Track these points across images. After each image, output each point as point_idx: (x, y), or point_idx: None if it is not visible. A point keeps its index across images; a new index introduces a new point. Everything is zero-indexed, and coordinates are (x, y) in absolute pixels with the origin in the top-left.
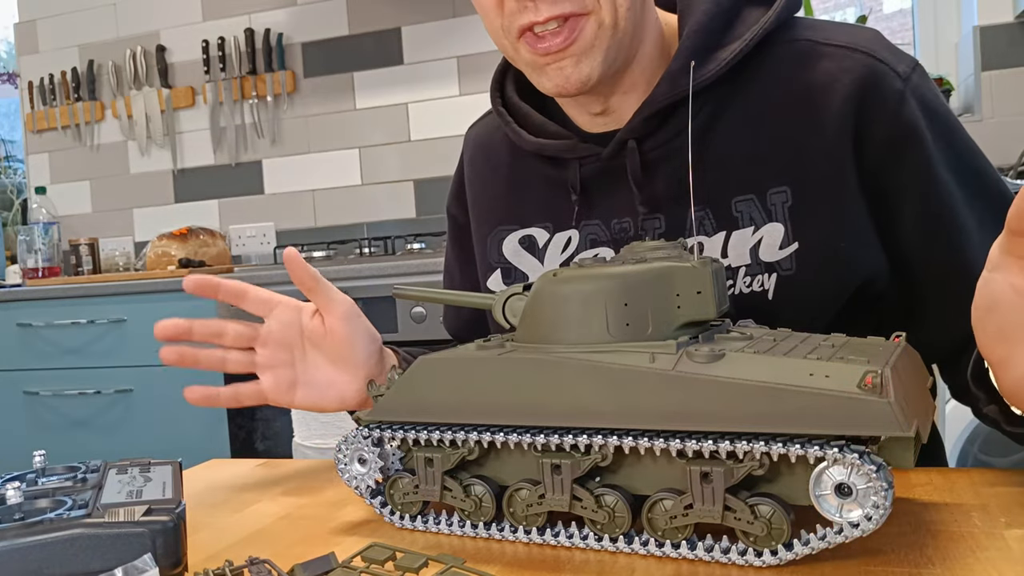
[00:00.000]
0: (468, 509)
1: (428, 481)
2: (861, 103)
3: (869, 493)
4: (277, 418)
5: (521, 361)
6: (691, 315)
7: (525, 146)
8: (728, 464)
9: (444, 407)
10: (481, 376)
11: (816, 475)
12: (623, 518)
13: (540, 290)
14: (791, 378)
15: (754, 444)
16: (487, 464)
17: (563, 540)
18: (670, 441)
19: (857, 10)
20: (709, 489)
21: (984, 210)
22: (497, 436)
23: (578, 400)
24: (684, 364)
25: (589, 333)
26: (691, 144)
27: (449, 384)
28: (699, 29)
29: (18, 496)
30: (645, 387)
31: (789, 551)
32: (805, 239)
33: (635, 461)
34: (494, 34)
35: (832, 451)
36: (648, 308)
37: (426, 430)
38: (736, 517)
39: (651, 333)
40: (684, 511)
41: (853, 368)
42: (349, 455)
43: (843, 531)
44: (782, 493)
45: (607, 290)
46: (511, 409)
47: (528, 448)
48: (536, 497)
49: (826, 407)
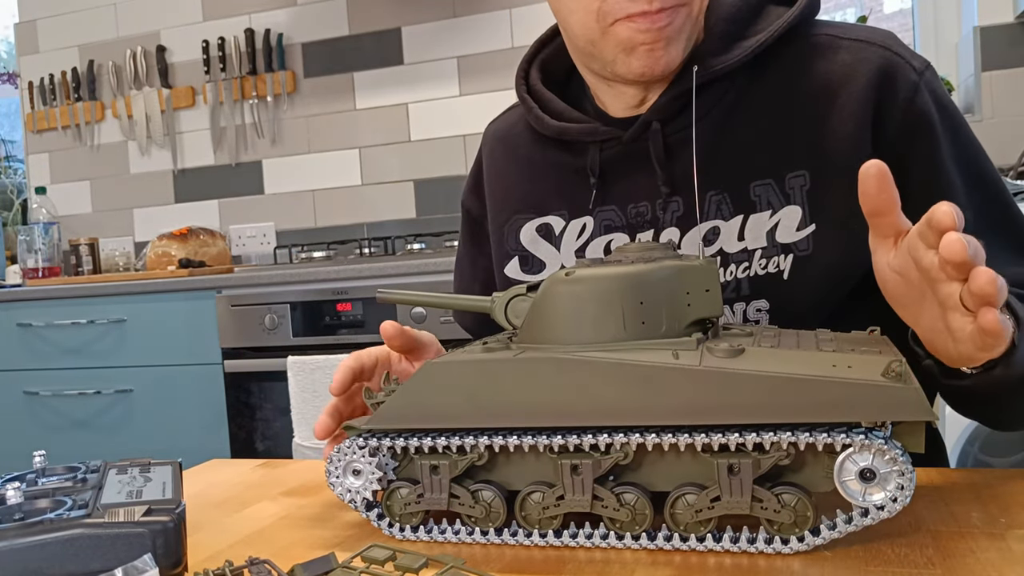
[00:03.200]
0: (478, 516)
1: (434, 490)
2: (879, 90)
3: (892, 476)
4: (277, 418)
5: (540, 361)
6: (700, 312)
7: (547, 131)
8: (754, 456)
9: (454, 412)
10: (496, 378)
11: (841, 461)
12: (644, 515)
13: (550, 290)
14: (816, 370)
15: (780, 435)
16: (495, 469)
17: (582, 541)
18: (696, 435)
19: (857, 10)
20: (736, 481)
21: (980, 203)
22: (511, 439)
23: (600, 399)
24: (708, 360)
25: (604, 332)
26: (709, 131)
27: (461, 388)
28: (727, 17)
29: (18, 496)
30: (671, 384)
31: (817, 536)
32: (822, 220)
33: (655, 458)
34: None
35: (859, 437)
36: (662, 306)
37: (429, 436)
38: (763, 507)
39: (665, 331)
40: (710, 505)
41: (871, 359)
42: (341, 467)
43: (869, 513)
44: (803, 482)
45: (623, 288)
46: (528, 411)
47: (544, 450)
48: (553, 499)
49: (855, 396)
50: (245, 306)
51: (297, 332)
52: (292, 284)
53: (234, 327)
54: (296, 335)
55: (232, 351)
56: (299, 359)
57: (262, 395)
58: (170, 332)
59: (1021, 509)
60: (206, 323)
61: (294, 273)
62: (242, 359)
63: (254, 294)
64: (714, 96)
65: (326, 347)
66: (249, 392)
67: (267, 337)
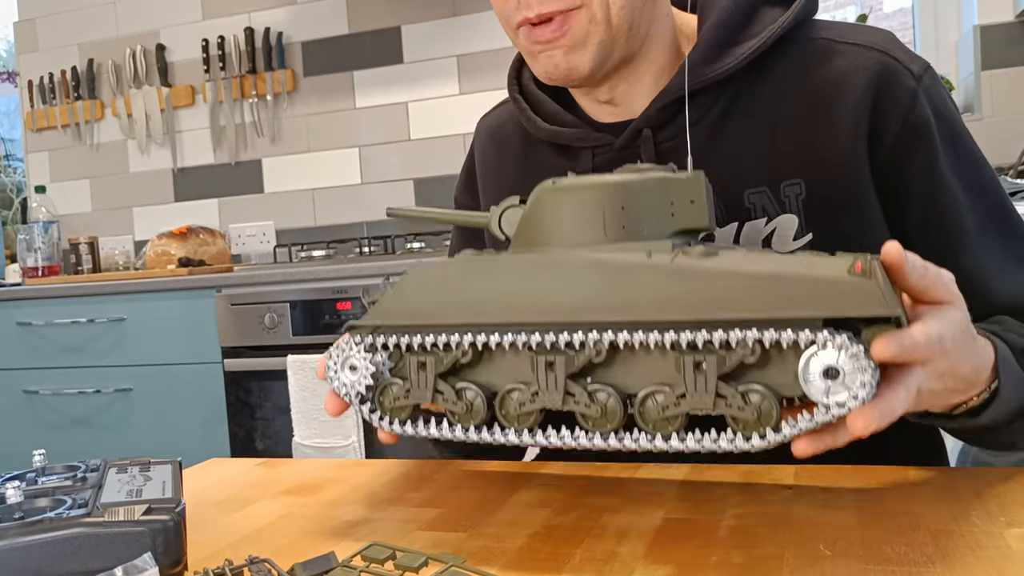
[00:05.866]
0: (459, 412)
1: (420, 385)
2: (876, 98)
3: (857, 374)
4: (277, 417)
5: (518, 260)
6: (685, 223)
7: (539, 134)
8: (720, 353)
9: (439, 310)
10: (478, 277)
11: (805, 359)
12: (615, 413)
13: (539, 198)
14: (782, 267)
15: (746, 332)
16: (480, 368)
17: (554, 440)
18: (665, 333)
19: (857, 9)
20: (702, 378)
21: (984, 215)
22: (492, 336)
23: (576, 296)
24: (680, 259)
25: (586, 235)
26: (702, 137)
27: (445, 287)
28: (719, 23)
29: (18, 495)
30: (643, 279)
31: (778, 434)
32: (819, 231)
33: (627, 358)
34: (501, 21)
35: (822, 334)
36: (644, 213)
37: (419, 334)
38: (727, 404)
39: (646, 236)
40: (676, 401)
41: (842, 260)
42: (340, 362)
43: (831, 410)
44: (770, 383)
45: (605, 196)
46: (507, 307)
47: (522, 348)
48: (529, 395)
49: (818, 291)
50: (245, 305)
51: (297, 331)
52: (292, 283)
53: (234, 326)
54: (296, 334)
55: (232, 350)
56: (299, 358)
57: (262, 394)
58: (170, 331)
59: (1021, 508)
60: (206, 322)
61: (294, 272)
62: (242, 358)
63: (254, 293)
64: (707, 102)
65: (326, 346)
66: (249, 391)
67: (267, 336)
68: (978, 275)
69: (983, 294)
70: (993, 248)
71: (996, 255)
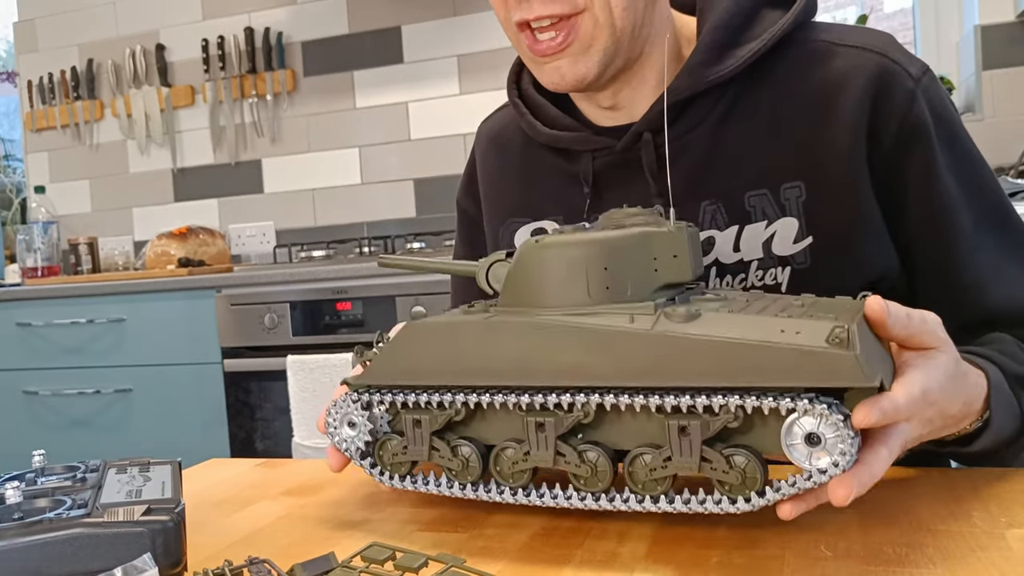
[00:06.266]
0: (455, 469)
1: (416, 442)
2: (875, 100)
3: (837, 442)
4: (277, 418)
5: (506, 324)
6: (668, 278)
7: (539, 138)
8: (704, 418)
9: (431, 370)
10: (468, 339)
11: (787, 426)
12: (605, 472)
13: (523, 256)
14: (763, 335)
15: (729, 398)
16: (473, 425)
17: (548, 500)
18: (649, 397)
19: (858, 9)
20: (687, 442)
21: (982, 215)
22: (483, 397)
23: (562, 360)
24: (662, 324)
25: (571, 296)
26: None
27: (436, 348)
28: (719, 25)
29: (17, 496)
30: (626, 346)
31: (762, 498)
32: (819, 233)
33: (616, 418)
34: (502, 23)
35: (803, 402)
36: (627, 272)
37: (414, 393)
38: (712, 467)
39: (630, 295)
40: (663, 463)
41: (821, 324)
42: (339, 419)
43: (812, 477)
44: (755, 445)
45: (588, 255)
46: (497, 370)
47: (513, 408)
48: (522, 454)
49: (796, 361)
50: (245, 305)
51: (297, 331)
52: (292, 283)
53: (234, 326)
54: (296, 334)
55: (232, 350)
56: (299, 358)
57: (262, 394)
58: (169, 331)
59: (1022, 508)
60: (205, 322)
61: (294, 272)
62: (242, 358)
63: (254, 293)
64: (707, 105)
65: (326, 346)
66: (249, 391)
67: (267, 336)
68: (975, 275)
69: (980, 294)
70: (990, 248)
71: (993, 255)
